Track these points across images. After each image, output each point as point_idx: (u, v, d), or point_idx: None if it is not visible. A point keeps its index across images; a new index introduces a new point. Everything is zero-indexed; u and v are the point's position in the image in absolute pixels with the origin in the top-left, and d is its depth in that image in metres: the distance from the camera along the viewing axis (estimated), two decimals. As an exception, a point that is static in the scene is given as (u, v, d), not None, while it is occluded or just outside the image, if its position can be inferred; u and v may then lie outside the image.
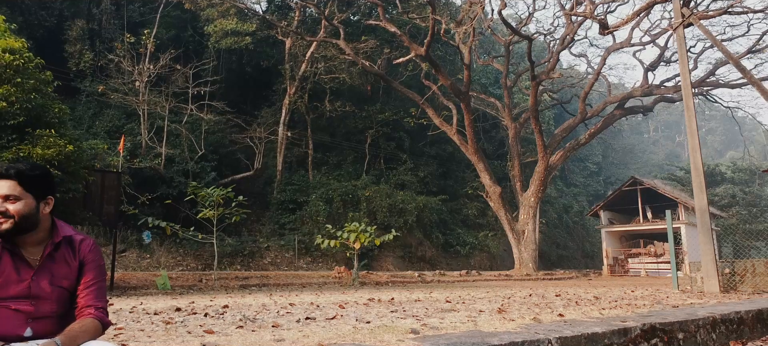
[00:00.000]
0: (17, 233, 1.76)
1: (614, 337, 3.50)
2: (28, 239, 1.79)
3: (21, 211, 1.75)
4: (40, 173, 1.83)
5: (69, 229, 1.92)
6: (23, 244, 1.78)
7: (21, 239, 1.77)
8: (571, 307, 5.44)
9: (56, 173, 9.85)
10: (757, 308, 5.11)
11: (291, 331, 3.34)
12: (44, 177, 1.85)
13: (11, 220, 1.73)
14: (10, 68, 10.07)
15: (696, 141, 8.83)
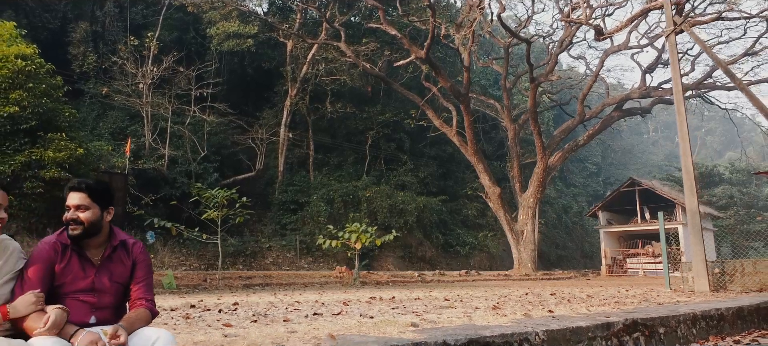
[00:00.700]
0: (85, 237, 2.07)
1: (598, 331, 3.80)
2: (92, 243, 2.10)
3: (89, 219, 2.06)
4: (103, 188, 2.14)
5: (123, 234, 2.23)
6: (87, 246, 2.09)
7: (86, 242, 2.08)
8: (563, 305, 5.75)
9: (66, 175, 10.16)
10: (737, 306, 5.41)
11: (301, 324, 3.64)
12: (107, 191, 2.16)
13: (81, 226, 2.04)
14: (23, 73, 10.38)
15: (687, 145, 9.12)
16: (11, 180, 9.70)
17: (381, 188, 31.51)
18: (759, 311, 5.73)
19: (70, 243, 2.07)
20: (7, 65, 10.34)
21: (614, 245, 33.19)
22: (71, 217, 2.04)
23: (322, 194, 29.93)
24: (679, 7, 11.87)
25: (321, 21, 30.35)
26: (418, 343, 2.77)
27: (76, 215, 2.05)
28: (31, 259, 2.00)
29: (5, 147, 9.96)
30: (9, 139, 10.02)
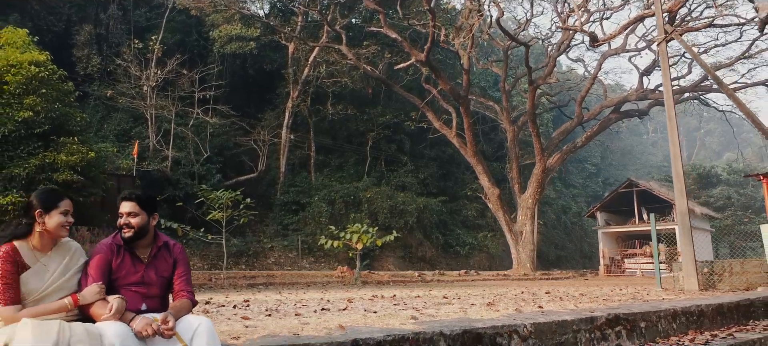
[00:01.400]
0: (135, 239, 2.44)
1: (582, 324, 4.15)
2: (141, 243, 2.46)
3: (139, 223, 2.42)
4: (150, 198, 2.51)
5: (165, 237, 2.59)
6: (137, 246, 2.46)
7: (136, 243, 2.45)
8: (554, 302, 6.09)
9: (79, 178, 10.52)
10: (717, 303, 5.76)
11: (312, 318, 3.99)
12: (153, 200, 2.52)
13: (132, 229, 2.40)
14: (36, 79, 10.74)
15: (677, 149, 9.46)
16: (26, 182, 10.04)
17: (381, 188, 31.85)
18: (739, 308, 6.08)
19: (123, 244, 2.43)
20: (21, 71, 10.68)
21: (612, 245, 33.49)
22: (124, 222, 2.40)
23: (324, 195, 30.28)
24: (672, 15, 12.23)
25: (322, 23, 30.72)
26: (418, 333, 3.12)
27: (128, 220, 2.42)
28: (91, 256, 2.35)
29: (20, 150, 10.30)
30: (23, 143, 10.36)
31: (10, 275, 2.06)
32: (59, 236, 2.26)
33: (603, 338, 4.28)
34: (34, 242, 2.20)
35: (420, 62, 25.83)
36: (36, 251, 2.20)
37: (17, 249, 2.14)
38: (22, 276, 2.10)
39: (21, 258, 2.13)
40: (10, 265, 2.08)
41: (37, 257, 2.19)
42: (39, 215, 2.18)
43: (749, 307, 6.26)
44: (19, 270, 2.10)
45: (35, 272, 2.15)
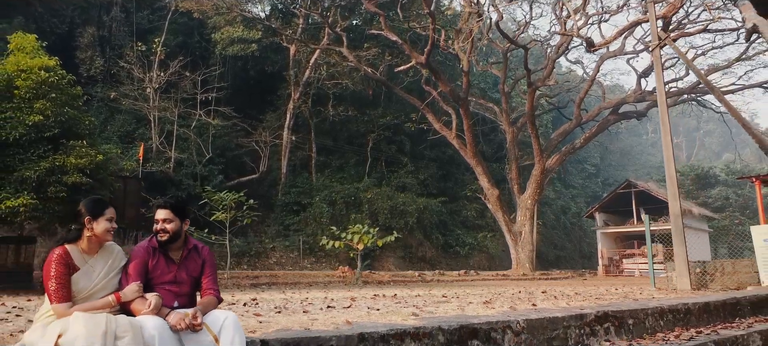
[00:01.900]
0: (169, 242, 2.71)
1: (572, 320, 4.43)
2: (173, 246, 2.73)
3: (173, 229, 2.69)
4: (182, 205, 2.78)
5: (194, 240, 2.86)
6: (170, 249, 2.73)
7: (170, 246, 2.72)
8: (548, 301, 6.37)
9: (88, 180, 10.79)
10: (704, 302, 6.04)
11: (319, 315, 4.27)
12: (185, 207, 2.80)
13: (167, 234, 2.68)
14: (46, 84, 11.02)
15: (670, 153, 9.74)
16: (36, 185, 10.31)
17: (382, 189, 32.13)
18: (725, 306, 6.35)
19: (158, 246, 2.71)
20: (32, 76, 10.95)
21: (611, 245, 33.75)
22: (160, 228, 2.68)
23: (325, 196, 30.57)
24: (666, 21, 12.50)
25: (323, 26, 30.99)
26: (418, 328, 3.39)
27: (164, 226, 2.70)
28: (130, 258, 2.63)
29: (30, 153, 10.56)
30: (34, 146, 10.61)
31: (63, 275, 2.34)
32: (105, 240, 2.53)
33: (592, 334, 4.56)
34: (83, 246, 2.48)
35: (420, 64, 26.12)
36: (85, 253, 2.48)
37: (69, 252, 2.42)
38: (73, 277, 2.38)
39: (72, 260, 2.41)
40: (63, 266, 2.35)
41: (85, 259, 2.46)
42: (88, 222, 2.46)
43: (736, 305, 6.54)
44: (70, 271, 2.37)
45: (84, 272, 2.43)
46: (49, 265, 2.34)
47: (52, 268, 2.33)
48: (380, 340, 3.15)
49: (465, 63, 25.09)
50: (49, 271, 2.33)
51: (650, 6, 10.16)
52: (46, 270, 2.34)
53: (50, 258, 2.36)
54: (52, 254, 2.37)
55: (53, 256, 2.36)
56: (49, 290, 2.31)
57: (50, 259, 2.36)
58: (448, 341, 3.51)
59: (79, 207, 2.47)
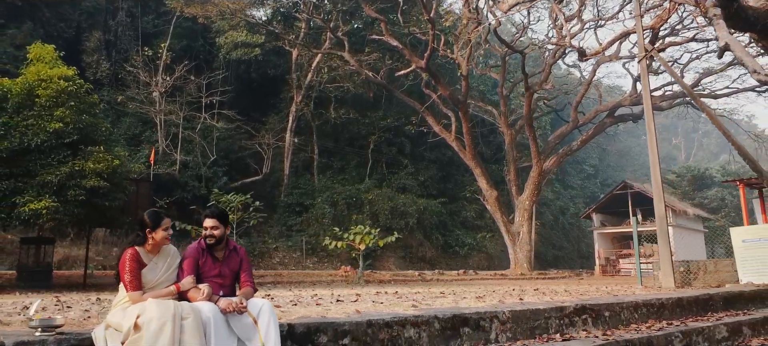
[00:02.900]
0: (216, 245, 3.31)
1: (553, 312, 5.03)
2: (218, 247, 3.34)
3: (219, 234, 3.30)
4: (226, 213, 3.38)
5: (233, 242, 3.47)
6: (215, 250, 3.34)
7: (215, 247, 3.32)
8: (537, 296, 6.96)
9: (105, 184, 11.39)
10: (677, 297, 6.64)
11: (331, 306, 4.86)
12: (227, 215, 3.40)
13: (214, 238, 3.29)
14: (65, 93, 11.61)
15: (655, 158, 10.32)
16: (57, 188, 10.90)
17: (383, 190, 32.72)
18: (698, 302, 6.94)
19: (206, 247, 3.31)
20: (52, 85, 11.54)
21: (608, 245, 34.30)
22: (208, 233, 3.29)
23: (326, 197, 31.17)
24: (654, 32, 13.10)
25: (325, 30, 31.59)
26: (417, 316, 3.99)
27: (211, 232, 3.31)
28: (184, 256, 3.23)
29: (51, 159, 11.14)
30: (54, 151, 11.19)
31: (136, 270, 2.93)
32: (164, 244, 3.13)
33: (571, 324, 5.16)
34: (148, 248, 3.08)
35: (420, 68, 26.71)
36: (149, 253, 3.08)
37: (138, 252, 3.02)
38: (143, 271, 2.98)
39: (141, 258, 3.01)
40: (135, 263, 2.95)
41: (150, 258, 3.06)
42: (149, 232, 3.07)
43: (708, 301, 7.13)
44: (140, 267, 2.97)
45: (150, 268, 3.02)
46: (124, 262, 2.94)
47: (127, 264, 2.93)
48: (385, 325, 3.75)
49: (464, 68, 25.68)
50: (124, 267, 2.93)
51: (637, 19, 10.74)
52: (122, 266, 2.94)
53: (124, 257, 2.96)
54: (126, 254, 2.97)
55: (127, 255, 2.96)
56: (125, 281, 2.91)
57: (124, 258, 2.96)
58: (443, 327, 4.11)
59: (144, 218, 3.07)
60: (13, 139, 11.00)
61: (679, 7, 12.36)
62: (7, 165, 11.01)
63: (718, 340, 6.02)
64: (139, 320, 2.66)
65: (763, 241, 9.20)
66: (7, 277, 13.23)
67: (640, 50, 10.57)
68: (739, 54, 6.89)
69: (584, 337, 4.92)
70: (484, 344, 4.30)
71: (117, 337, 2.67)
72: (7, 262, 19.03)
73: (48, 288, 11.57)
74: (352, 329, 3.56)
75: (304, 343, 3.36)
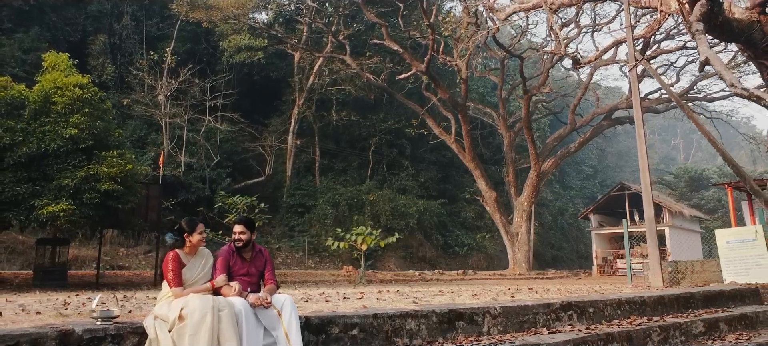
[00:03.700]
0: (244, 248, 3.82)
1: (541, 308, 5.53)
2: (245, 250, 3.84)
3: (246, 238, 3.80)
4: (252, 221, 3.89)
5: (258, 246, 3.97)
6: (243, 252, 3.84)
7: (243, 250, 3.82)
8: (529, 294, 7.47)
9: (118, 187, 11.90)
10: (659, 295, 7.14)
11: (339, 303, 5.35)
12: (253, 222, 3.91)
13: (242, 242, 3.79)
14: (80, 100, 12.12)
15: (645, 163, 10.82)
16: (73, 192, 11.40)
17: (383, 191, 33.22)
18: (679, 299, 7.44)
19: (235, 250, 3.81)
20: (67, 93, 12.04)
21: (606, 246, 34.75)
22: (237, 238, 3.80)
23: (328, 198, 31.67)
24: (645, 41, 13.59)
25: (326, 33, 32.11)
26: (417, 310, 4.50)
27: (240, 237, 3.81)
28: (216, 257, 3.74)
29: (67, 163, 11.64)
30: (70, 156, 11.68)
31: (177, 269, 3.44)
32: (199, 246, 3.64)
33: (557, 319, 5.66)
34: (186, 250, 3.59)
35: (420, 72, 27.22)
36: (187, 255, 3.58)
37: (178, 254, 3.53)
38: (183, 270, 3.48)
39: (181, 259, 3.51)
40: (177, 263, 3.46)
41: (188, 259, 3.57)
42: (187, 236, 3.57)
43: (689, 299, 7.63)
44: (180, 267, 3.48)
45: (188, 268, 3.53)
46: (167, 263, 3.45)
47: (170, 265, 3.43)
48: (389, 319, 4.25)
49: (464, 72, 26.19)
50: (167, 267, 3.43)
51: (628, 30, 11.23)
52: (165, 266, 3.45)
53: (168, 258, 3.47)
54: (168, 256, 3.48)
55: (169, 257, 3.47)
56: (169, 279, 3.42)
57: (168, 258, 3.47)
58: (440, 321, 4.62)
59: (182, 225, 3.58)
60: (31, 145, 11.51)
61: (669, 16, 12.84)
62: (26, 169, 11.52)
63: (695, 334, 6.52)
64: (183, 312, 3.16)
65: (746, 242, 9.70)
66: (23, 276, 13.74)
67: (630, 60, 11.07)
68: (719, 68, 7.37)
69: (569, 331, 5.42)
70: (477, 336, 4.80)
71: (164, 326, 3.17)
72: (18, 262, 19.56)
73: (63, 287, 12.08)
74: (360, 321, 4.07)
75: (318, 333, 3.86)
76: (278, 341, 3.37)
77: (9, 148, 11.51)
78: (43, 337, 2.85)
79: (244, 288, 3.59)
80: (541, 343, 4.68)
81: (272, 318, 3.43)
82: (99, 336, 3.04)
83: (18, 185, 11.33)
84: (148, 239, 25.00)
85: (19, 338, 2.78)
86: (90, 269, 19.12)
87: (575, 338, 5.00)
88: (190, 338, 3.06)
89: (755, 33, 10.84)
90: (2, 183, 11.29)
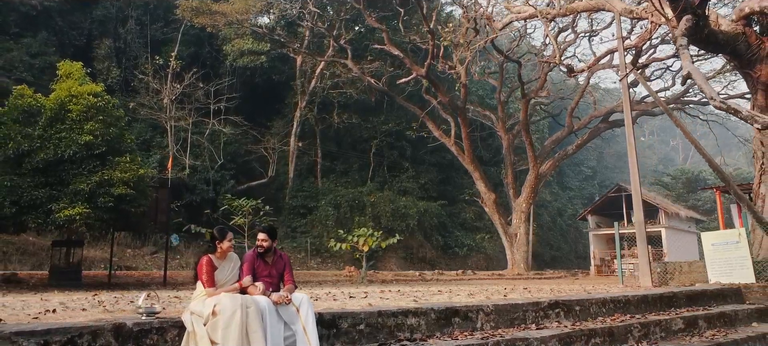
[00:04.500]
0: (266, 253, 4.33)
1: (530, 306, 6.05)
2: (268, 254, 4.37)
3: (268, 245, 4.33)
4: (274, 229, 4.42)
5: (279, 251, 4.49)
6: (266, 256, 4.36)
7: (266, 254, 4.35)
8: (522, 293, 7.98)
9: (131, 191, 12.42)
10: (642, 294, 7.66)
11: (346, 302, 5.87)
12: (275, 231, 4.43)
13: (264, 248, 4.31)
14: (94, 108, 12.65)
15: (635, 169, 11.33)
16: (89, 196, 11.92)
17: (384, 193, 33.75)
18: (662, 299, 7.96)
19: (259, 255, 4.34)
20: (82, 101, 12.56)
21: (603, 246, 35.26)
22: (260, 244, 4.32)
23: (330, 199, 32.20)
24: (637, 50, 14.12)
25: (328, 36, 32.65)
26: (417, 308, 5.02)
27: (262, 243, 4.33)
28: (243, 261, 4.26)
29: (82, 169, 12.15)
30: (85, 162, 12.19)
31: (211, 272, 3.96)
32: (228, 251, 4.17)
33: (545, 317, 6.18)
34: (217, 255, 4.11)
35: (420, 76, 27.76)
36: (218, 259, 4.11)
37: (211, 258, 4.06)
38: (215, 273, 4.01)
39: (213, 263, 4.04)
40: (210, 266, 3.99)
41: (219, 263, 4.10)
42: (218, 243, 4.10)
43: (672, 298, 8.14)
44: (213, 269, 4.01)
45: (220, 271, 4.06)
46: (201, 266, 3.97)
47: (204, 268, 3.96)
48: (392, 315, 4.78)
49: (463, 76, 26.71)
50: (202, 269, 3.96)
51: (619, 41, 11.74)
52: (200, 269, 3.97)
53: (202, 262, 4.00)
54: (202, 260, 4.01)
55: (203, 261, 3.99)
56: (203, 280, 3.94)
57: (202, 262, 3.99)
58: (438, 317, 5.14)
59: (213, 233, 4.12)
60: (48, 151, 12.03)
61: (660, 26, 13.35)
62: (44, 175, 12.05)
63: (675, 331, 7.04)
64: (215, 309, 3.68)
65: (730, 244, 10.20)
66: (39, 277, 14.26)
67: (621, 70, 11.59)
68: (699, 82, 7.87)
69: (555, 327, 5.94)
70: (471, 332, 5.32)
71: (200, 321, 3.69)
72: (29, 262, 20.10)
73: (78, 287, 12.59)
74: (366, 317, 4.59)
75: (330, 327, 4.38)
76: (297, 333, 3.89)
77: (27, 154, 12.04)
78: (100, 329, 3.37)
79: (266, 288, 4.11)
80: (528, 337, 5.20)
81: (291, 314, 3.95)
82: (146, 329, 3.56)
83: (36, 189, 11.85)
84: (154, 240, 25.56)
85: (81, 330, 3.30)
86: (99, 269, 19.66)
87: (560, 333, 5.52)
88: (222, 331, 3.57)
89: (740, 44, 11.38)
90: (21, 188, 11.81)
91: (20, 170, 12.04)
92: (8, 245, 19.31)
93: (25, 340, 3.09)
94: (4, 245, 19.16)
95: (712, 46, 11.35)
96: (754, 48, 11.33)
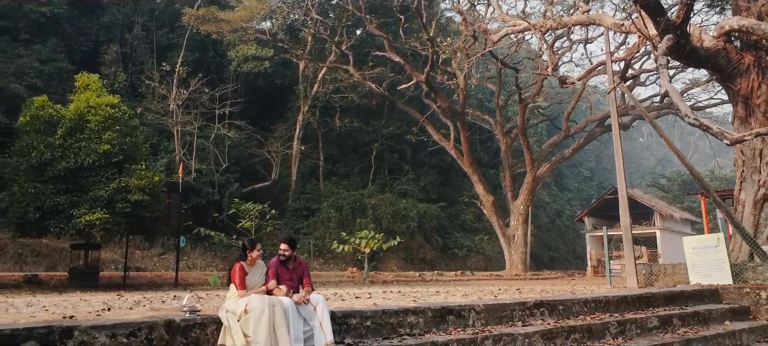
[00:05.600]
0: (287, 261, 5.06)
1: (517, 306, 6.78)
2: (288, 261, 5.09)
3: (289, 254, 5.05)
4: (294, 240, 5.15)
5: (299, 258, 5.22)
6: (287, 263, 5.09)
7: (287, 261, 5.07)
8: (510, 295, 8.71)
9: (146, 197, 13.15)
10: (622, 295, 8.38)
11: (353, 301, 6.60)
12: (295, 241, 5.16)
13: (286, 256, 5.04)
14: (111, 119, 13.38)
15: (622, 175, 12.04)
16: (107, 202, 12.65)
17: (385, 195, 34.48)
18: (641, 299, 8.67)
19: (281, 262, 5.06)
20: (100, 112, 13.30)
21: (599, 248, 35.87)
22: (282, 252, 5.04)
23: (332, 202, 32.93)
24: (627, 62, 14.85)
25: (330, 43, 33.40)
26: (416, 307, 5.75)
27: (284, 252, 5.05)
28: (268, 267, 4.98)
29: (101, 176, 12.88)
30: (103, 170, 12.92)
31: (243, 276, 4.69)
32: (257, 259, 4.89)
33: (531, 315, 6.91)
34: (247, 263, 4.84)
35: (420, 81, 28.50)
36: (249, 266, 4.84)
37: (242, 265, 4.79)
38: (246, 278, 4.74)
39: (244, 269, 4.77)
40: (242, 272, 4.72)
41: (249, 269, 4.83)
42: (248, 252, 4.83)
43: (650, 298, 8.85)
44: (245, 274, 4.74)
45: (250, 276, 4.78)
46: (235, 272, 4.70)
47: (237, 273, 4.69)
48: (394, 313, 5.51)
49: (462, 82, 27.44)
50: (235, 274, 4.69)
51: (607, 56, 12.45)
52: (234, 274, 4.70)
53: (235, 268, 4.73)
54: (236, 266, 4.74)
55: (237, 267, 4.72)
56: (237, 284, 4.67)
57: (235, 269, 4.72)
58: (434, 316, 5.87)
59: (245, 243, 4.84)
60: (69, 160, 12.77)
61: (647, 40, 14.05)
62: (64, 182, 12.79)
63: (650, 328, 7.76)
64: (247, 307, 4.40)
65: (709, 248, 10.91)
66: (58, 278, 14.99)
67: (609, 83, 12.31)
68: (675, 100, 8.57)
69: (539, 324, 6.67)
70: (464, 328, 6.05)
71: (234, 317, 4.42)
72: (43, 264, 20.84)
73: (95, 288, 13.32)
74: (372, 315, 5.32)
75: (341, 324, 5.11)
76: (314, 328, 4.62)
77: (49, 162, 12.78)
78: (155, 324, 4.10)
79: (288, 290, 4.83)
80: (514, 333, 5.93)
81: (310, 312, 4.68)
82: (190, 324, 4.29)
83: (58, 195, 12.59)
84: (162, 242, 26.30)
85: (140, 325, 4.03)
86: (110, 270, 20.40)
87: (543, 329, 6.25)
88: (253, 326, 4.30)
89: (721, 59, 12.10)
90: (44, 194, 12.55)
91: (43, 178, 12.77)
92: (24, 247, 20.04)
93: (97, 332, 3.82)
94: (20, 247, 19.89)
95: (694, 62, 12.07)
96: (735, 63, 12.06)
